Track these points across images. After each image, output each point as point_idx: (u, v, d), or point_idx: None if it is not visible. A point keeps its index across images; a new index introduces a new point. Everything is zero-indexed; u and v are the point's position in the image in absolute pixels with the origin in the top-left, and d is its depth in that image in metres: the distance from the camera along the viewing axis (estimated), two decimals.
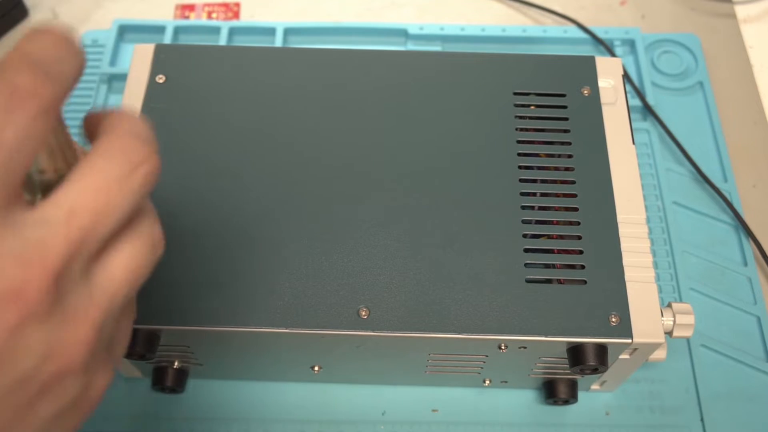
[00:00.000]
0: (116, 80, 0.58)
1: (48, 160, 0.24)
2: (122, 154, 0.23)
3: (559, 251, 0.40)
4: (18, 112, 0.21)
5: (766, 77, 0.61)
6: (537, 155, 0.42)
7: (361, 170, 0.42)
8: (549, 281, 0.39)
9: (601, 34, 0.61)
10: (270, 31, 0.60)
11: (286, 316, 0.37)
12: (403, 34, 0.61)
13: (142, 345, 0.37)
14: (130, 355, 0.38)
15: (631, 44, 0.61)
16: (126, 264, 0.24)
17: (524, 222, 0.40)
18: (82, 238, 0.22)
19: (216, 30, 0.60)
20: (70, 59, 0.22)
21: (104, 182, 0.22)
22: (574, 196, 0.41)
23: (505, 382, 0.45)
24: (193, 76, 0.44)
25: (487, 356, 0.40)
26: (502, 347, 0.38)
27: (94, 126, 0.25)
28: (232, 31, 0.60)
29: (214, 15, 0.63)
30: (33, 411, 0.22)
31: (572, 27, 0.61)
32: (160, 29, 0.60)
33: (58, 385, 0.22)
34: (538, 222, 0.40)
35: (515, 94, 0.44)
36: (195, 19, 0.63)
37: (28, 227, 0.21)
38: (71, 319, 0.22)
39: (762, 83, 0.60)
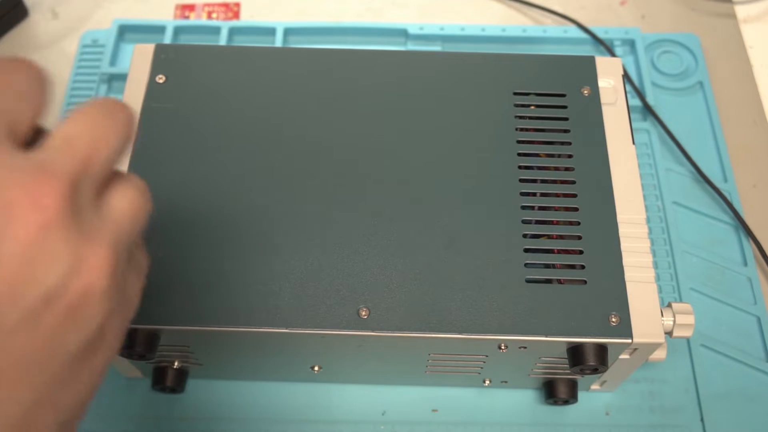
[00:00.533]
0: (116, 80, 0.58)
1: None
2: (102, 103, 0.24)
3: (559, 251, 0.40)
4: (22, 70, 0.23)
5: (766, 77, 0.61)
6: (537, 155, 0.42)
7: (361, 170, 0.42)
8: (549, 281, 0.39)
9: (601, 34, 0.60)
10: (270, 31, 0.60)
11: (286, 316, 0.37)
12: (403, 34, 0.61)
13: (142, 345, 0.37)
14: (130, 355, 0.38)
15: (631, 44, 0.61)
16: (127, 203, 0.24)
17: (524, 222, 0.40)
18: (84, 159, 0.22)
19: (216, 30, 0.60)
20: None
21: (93, 118, 0.23)
22: (574, 196, 0.41)
23: (505, 382, 0.45)
24: (193, 76, 0.44)
25: (487, 356, 0.40)
26: (502, 347, 0.38)
27: None
28: (232, 31, 0.60)
29: (214, 15, 0.63)
30: (61, 338, 0.21)
31: (572, 27, 0.61)
32: (160, 29, 0.60)
33: (84, 308, 0.22)
34: (538, 222, 0.40)
35: (515, 94, 0.44)
36: (195, 19, 0.63)
37: (34, 152, 0.22)
38: (90, 236, 0.22)
39: (762, 83, 0.60)
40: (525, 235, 0.40)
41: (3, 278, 0.20)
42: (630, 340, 0.37)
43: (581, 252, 0.39)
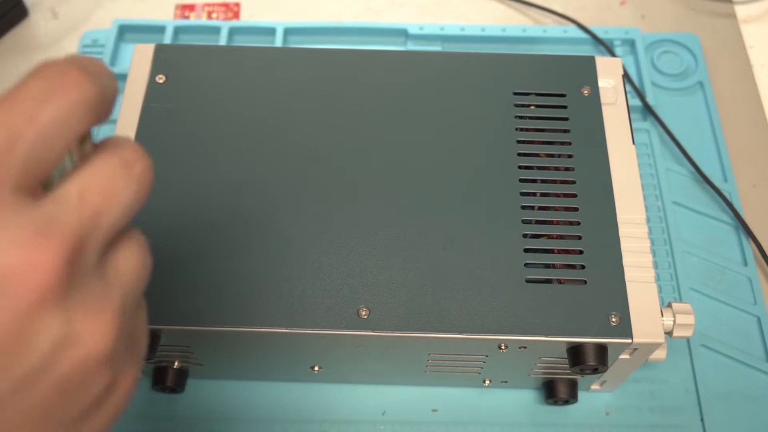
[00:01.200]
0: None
1: (69, 170, 0.23)
2: (119, 151, 0.23)
3: (559, 251, 0.40)
4: (61, 95, 0.20)
5: (766, 77, 0.61)
6: (537, 155, 0.42)
7: (361, 170, 0.42)
8: (549, 281, 0.39)
9: (601, 34, 0.60)
10: (270, 31, 0.60)
11: (286, 316, 0.37)
12: (403, 34, 0.61)
13: None
14: None
15: (631, 44, 0.61)
16: (134, 260, 0.23)
17: (524, 222, 0.40)
18: (93, 217, 0.21)
19: (216, 30, 0.60)
20: (110, 80, 0.23)
21: (109, 170, 0.22)
22: (574, 196, 0.41)
23: (505, 382, 0.45)
24: (193, 76, 0.44)
25: (487, 356, 0.40)
26: (502, 347, 0.38)
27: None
28: (232, 31, 0.60)
29: (214, 15, 0.63)
30: (56, 407, 0.21)
31: (572, 27, 0.61)
32: (160, 29, 0.60)
33: (82, 379, 0.21)
34: (538, 222, 0.40)
35: (515, 94, 0.44)
36: (195, 19, 0.63)
37: (42, 205, 0.20)
38: (91, 304, 0.21)
39: (762, 83, 0.60)
40: (525, 235, 0.40)
41: None
42: (630, 340, 0.37)
43: (581, 252, 0.39)
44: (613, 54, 0.60)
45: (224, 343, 0.40)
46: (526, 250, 0.39)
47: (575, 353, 0.38)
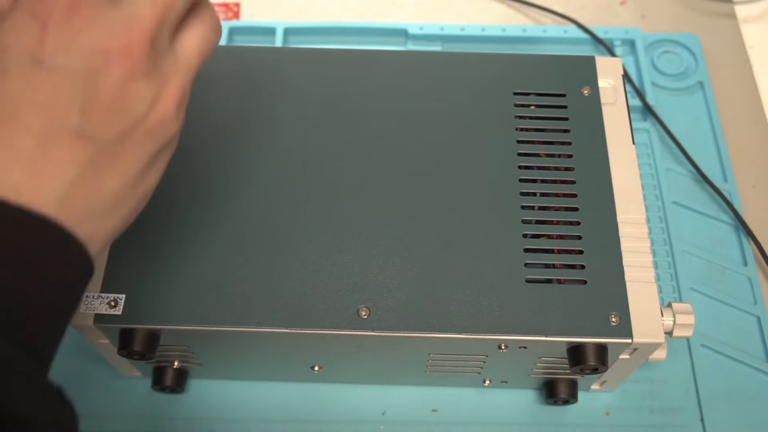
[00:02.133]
0: None
1: None
2: None
3: (559, 251, 0.40)
4: None
5: (766, 77, 0.61)
6: (537, 155, 0.42)
7: (361, 170, 0.42)
8: (549, 281, 0.39)
9: (601, 34, 0.61)
10: (270, 31, 0.60)
11: (286, 316, 0.37)
12: (403, 34, 0.61)
13: (142, 345, 0.37)
14: (129, 354, 0.38)
15: (631, 44, 0.61)
16: (197, 41, 0.30)
17: (524, 222, 0.40)
18: (165, 9, 0.27)
19: None
20: None
21: None
22: (574, 196, 0.41)
23: (505, 382, 0.45)
24: None
25: (487, 356, 0.40)
26: (502, 347, 0.38)
27: None
28: (232, 31, 0.60)
29: None
30: (143, 148, 0.29)
31: (572, 27, 0.61)
32: None
33: (159, 130, 0.29)
34: (538, 222, 0.40)
35: (515, 94, 0.44)
36: None
37: (123, 4, 0.27)
38: (165, 78, 0.28)
39: (762, 83, 0.60)
40: (525, 235, 0.40)
41: (102, 107, 0.27)
42: (630, 340, 0.37)
43: (581, 252, 0.39)
44: (613, 54, 0.60)
45: (224, 343, 0.40)
46: (526, 250, 0.39)
47: (575, 353, 0.38)
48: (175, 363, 0.44)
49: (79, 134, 0.27)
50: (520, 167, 0.42)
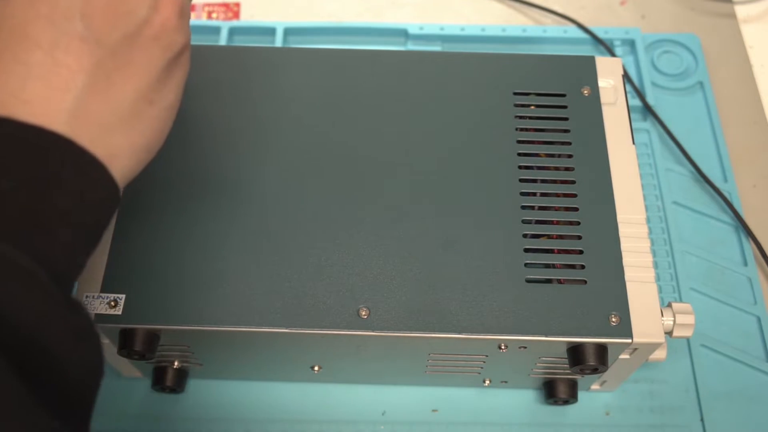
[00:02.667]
0: None
1: None
2: None
3: (559, 251, 0.40)
4: None
5: (766, 77, 0.61)
6: (537, 155, 0.42)
7: (361, 170, 0.42)
8: (549, 281, 0.39)
9: (601, 34, 0.60)
10: (270, 31, 0.60)
11: (286, 316, 0.37)
12: (403, 34, 0.61)
13: (142, 345, 0.37)
14: (129, 354, 0.38)
15: (631, 44, 0.61)
16: None
17: (524, 222, 0.40)
18: None
19: (216, 30, 0.60)
20: None
21: None
22: (574, 196, 0.41)
23: (505, 382, 0.45)
24: (193, 75, 0.44)
25: (487, 356, 0.40)
26: (502, 347, 0.38)
27: None
28: (232, 31, 0.60)
29: (214, 15, 0.63)
30: (150, 55, 0.29)
31: (572, 27, 0.61)
32: None
33: (164, 36, 0.29)
34: (538, 222, 0.40)
35: (515, 94, 0.44)
36: (195, 19, 0.63)
37: None
38: None
39: (762, 83, 0.60)
40: (525, 235, 0.40)
41: (100, 10, 0.28)
42: (630, 340, 0.37)
43: (581, 252, 0.39)
44: (613, 54, 0.60)
45: (224, 343, 0.40)
46: (526, 250, 0.39)
47: (575, 353, 0.38)
48: (175, 363, 0.44)
49: (84, 39, 0.27)
50: (520, 167, 0.42)
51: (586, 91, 0.44)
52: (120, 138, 0.29)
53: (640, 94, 0.57)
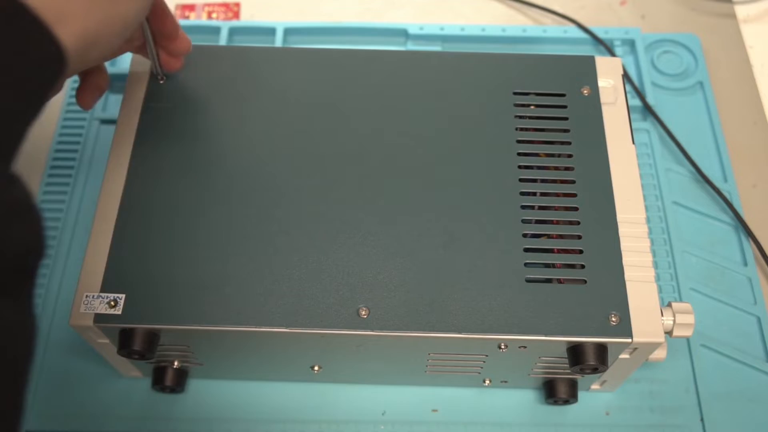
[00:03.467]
0: (116, 80, 0.58)
1: None
2: None
3: (559, 251, 0.40)
4: None
5: (766, 77, 0.61)
6: (537, 155, 0.42)
7: (361, 170, 0.42)
8: (549, 281, 0.39)
9: (601, 34, 0.60)
10: (270, 31, 0.60)
11: (286, 316, 0.37)
12: (403, 34, 0.61)
13: (142, 345, 0.37)
14: (129, 354, 0.38)
15: (631, 44, 0.61)
16: None
17: (524, 222, 0.40)
18: None
19: (216, 30, 0.60)
20: None
21: None
22: (574, 196, 0.41)
23: (505, 382, 0.45)
24: (193, 76, 0.44)
25: (487, 356, 0.40)
26: (502, 347, 0.38)
27: None
28: (232, 31, 0.60)
29: (214, 15, 0.63)
30: None
31: (572, 27, 0.61)
32: None
33: None
34: (538, 222, 0.40)
35: (515, 94, 0.44)
36: (195, 19, 0.63)
37: None
38: None
39: (762, 83, 0.60)
40: (525, 235, 0.40)
41: None
42: (630, 340, 0.37)
43: (581, 252, 0.39)
44: (613, 54, 0.60)
45: (224, 343, 0.40)
46: (526, 250, 0.39)
47: (575, 353, 0.38)
48: (175, 363, 0.44)
49: None
50: (520, 167, 0.42)
51: (586, 91, 0.44)
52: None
53: (640, 94, 0.57)
